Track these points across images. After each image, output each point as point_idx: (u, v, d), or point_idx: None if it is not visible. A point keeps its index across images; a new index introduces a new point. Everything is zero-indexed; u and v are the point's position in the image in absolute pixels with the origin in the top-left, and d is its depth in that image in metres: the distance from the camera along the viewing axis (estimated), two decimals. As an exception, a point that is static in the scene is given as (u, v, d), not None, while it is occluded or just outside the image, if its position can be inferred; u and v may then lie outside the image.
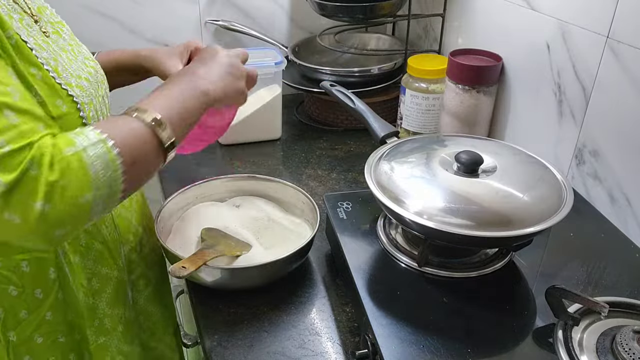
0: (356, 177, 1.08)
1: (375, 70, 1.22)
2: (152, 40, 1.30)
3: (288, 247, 0.77)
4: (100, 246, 0.74)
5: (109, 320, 0.77)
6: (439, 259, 0.73)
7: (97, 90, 0.71)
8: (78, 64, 0.69)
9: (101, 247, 0.74)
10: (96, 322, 0.75)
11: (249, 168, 1.11)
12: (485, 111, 1.05)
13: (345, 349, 0.70)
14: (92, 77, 0.70)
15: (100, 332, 0.76)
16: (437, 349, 0.60)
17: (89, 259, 0.73)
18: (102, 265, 0.75)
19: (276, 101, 1.18)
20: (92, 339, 0.75)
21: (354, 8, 1.17)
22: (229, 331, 0.73)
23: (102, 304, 0.76)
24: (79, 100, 0.64)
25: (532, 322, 0.65)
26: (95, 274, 0.74)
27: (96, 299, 0.75)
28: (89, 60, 0.73)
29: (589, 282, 0.71)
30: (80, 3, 1.21)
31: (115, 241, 0.77)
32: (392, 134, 0.86)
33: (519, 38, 1.00)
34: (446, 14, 1.22)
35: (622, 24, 0.78)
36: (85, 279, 0.73)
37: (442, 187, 0.71)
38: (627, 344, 0.56)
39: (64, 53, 0.67)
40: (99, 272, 0.75)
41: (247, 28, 1.32)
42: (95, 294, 0.75)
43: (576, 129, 0.90)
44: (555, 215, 0.67)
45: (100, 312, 0.76)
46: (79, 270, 0.72)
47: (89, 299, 0.74)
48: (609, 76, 0.82)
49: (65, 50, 0.68)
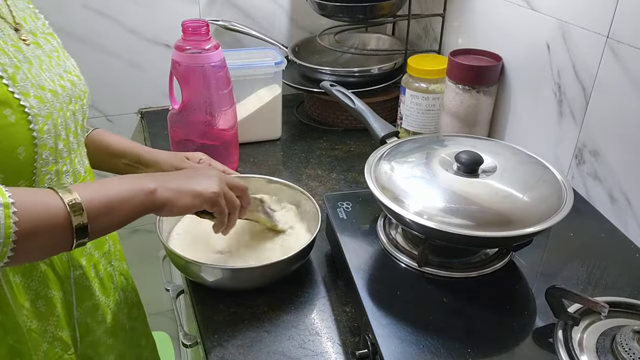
0: (356, 177, 1.08)
1: (375, 70, 1.22)
2: (152, 40, 1.30)
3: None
4: (46, 267, 0.71)
5: (60, 344, 0.74)
6: (439, 259, 0.73)
7: (66, 104, 0.69)
8: (50, 75, 0.68)
9: (46, 268, 0.71)
10: (45, 346, 0.72)
11: (249, 168, 1.11)
12: (485, 111, 1.05)
13: (345, 349, 0.70)
14: (64, 90, 0.69)
15: (50, 355, 0.73)
16: (437, 349, 0.60)
17: (33, 280, 0.70)
18: (48, 288, 0.72)
19: (276, 101, 1.18)
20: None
21: (354, 8, 1.17)
22: (229, 331, 0.73)
23: (50, 327, 0.73)
24: (32, 112, 0.62)
25: (532, 322, 0.65)
26: (40, 296, 0.71)
27: (43, 322, 0.72)
28: (69, 74, 0.72)
29: (589, 282, 0.71)
30: (81, 3, 1.21)
31: (64, 264, 0.74)
32: (392, 134, 0.86)
33: (519, 38, 1.00)
34: (446, 14, 1.23)
35: (622, 24, 0.78)
36: (28, 301, 0.70)
37: (442, 187, 0.70)
38: (627, 344, 0.56)
39: (36, 62, 0.66)
40: (44, 295, 0.72)
41: (247, 28, 1.32)
42: (42, 317, 0.72)
43: (576, 129, 0.90)
44: (555, 215, 0.67)
45: (49, 336, 0.73)
46: (20, 291, 0.69)
47: (32, 322, 0.71)
48: (609, 76, 0.82)
49: (41, 60, 0.68)
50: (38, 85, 0.65)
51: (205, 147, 1.00)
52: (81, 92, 0.74)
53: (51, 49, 0.72)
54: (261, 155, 1.16)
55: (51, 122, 0.66)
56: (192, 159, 0.92)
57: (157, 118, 1.32)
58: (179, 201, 0.67)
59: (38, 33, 0.71)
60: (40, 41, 0.70)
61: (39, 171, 0.66)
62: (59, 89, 0.68)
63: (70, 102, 0.70)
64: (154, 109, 1.37)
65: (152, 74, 1.33)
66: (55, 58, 0.71)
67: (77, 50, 1.25)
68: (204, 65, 0.95)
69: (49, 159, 0.67)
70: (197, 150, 0.96)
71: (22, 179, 0.64)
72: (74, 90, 0.71)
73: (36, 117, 0.63)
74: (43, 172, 0.67)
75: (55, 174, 0.69)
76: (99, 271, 0.81)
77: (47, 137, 0.65)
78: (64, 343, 0.75)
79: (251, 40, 1.34)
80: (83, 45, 1.25)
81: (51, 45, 0.73)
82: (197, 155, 0.93)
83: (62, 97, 0.68)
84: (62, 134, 0.69)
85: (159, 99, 1.36)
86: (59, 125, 0.68)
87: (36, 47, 0.68)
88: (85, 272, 0.78)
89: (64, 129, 0.69)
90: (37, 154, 0.64)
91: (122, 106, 1.36)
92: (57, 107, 0.67)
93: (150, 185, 0.64)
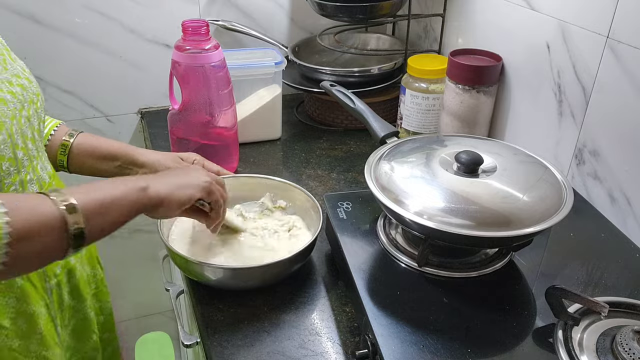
0: (356, 177, 1.08)
1: (375, 70, 1.22)
2: (152, 40, 1.30)
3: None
4: (22, 282, 0.69)
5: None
6: (439, 259, 0.73)
7: (19, 111, 0.66)
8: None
9: (23, 283, 0.69)
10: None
11: (249, 168, 1.11)
12: (485, 111, 1.05)
13: (345, 349, 0.70)
14: (14, 97, 0.66)
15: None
16: (437, 349, 0.60)
17: (11, 297, 0.68)
18: (27, 304, 0.70)
19: (276, 101, 1.18)
20: None
21: (354, 8, 1.17)
22: (229, 331, 0.73)
23: (33, 345, 0.71)
24: None
25: (532, 322, 0.65)
26: (20, 313, 0.69)
27: (26, 341, 0.70)
28: (18, 78, 0.68)
29: (589, 282, 0.71)
30: (81, 3, 1.21)
31: (40, 275, 0.72)
32: (392, 134, 0.86)
33: (519, 38, 1.00)
34: (446, 14, 1.23)
35: (622, 24, 0.78)
36: (8, 319, 0.68)
37: (442, 187, 0.70)
38: (627, 344, 0.56)
39: None
40: (24, 311, 0.70)
41: (247, 28, 1.32)
42: (24, 336, 0.70)
43: (576, 129, 0.90)
44: (555, 215, 0.67)
45: (33, 355, 0.71)
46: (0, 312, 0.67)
47: (14, 342, 0.69)
48: (609, 76, 0.82)
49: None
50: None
51: (205, 147, 1.00)
52: (34, 96, 0.71)
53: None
54: (261, 155, 1.16)
55: (5, 132, 0.63)
56: (186, 160, 0.91)
57: (157, 118, 1.32)
58: (175, 195, 0.66)
59: None
60: None
61: (2, 183, 0.65)
62: (8, 96, 0.65)
63: (23, 107, 0.67)
64: (154, 109, 1.37)
65: (152, 74, 1.33)
66: (1, 62, 0.68)
67: (77, 50, 1.27)
68: (204, 65, 0.96)
69: (10, 169, 0.65)
70: (197, 151, 0.97)
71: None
72: (25, 94, 0.68)
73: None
74: (7, 184, 0.65)
75: (19, 184, 0.67)
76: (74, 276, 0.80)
77: (4, 148, 0.63)
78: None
79: (251, 40, 1.34)
80: (83, 46, 1.25)
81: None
82: (191, 156, 0.92)
83: (12, 104, 0.65)
84: (19, 142, 0.66)
85: (159, 99, 1.36)
86: (15, 134, 0.65)
87: None
88: (59, 280, 0.76)
89: (20, 137, 0.67)
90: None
91: (122, 106, 1.36)
92: (10, 115, 0.64)
93: (142, 183, 0.63)
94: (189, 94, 0.98)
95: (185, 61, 0.95)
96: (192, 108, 0.99)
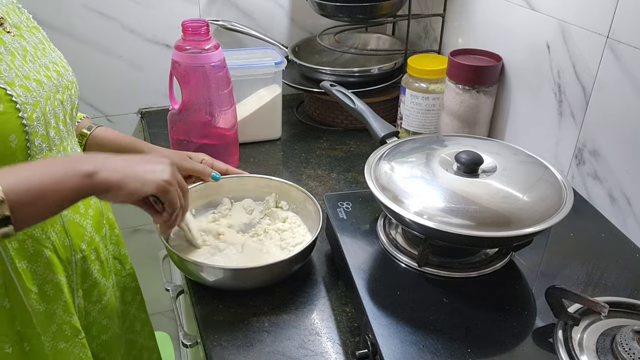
0: (356, 177, 1.08)
1: (375, 70, 1.22)
2: (152, 40, 1.30)
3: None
4: (50, 253, 0.72)
5: (69, 328, 0.75)
6: (439, 259, 0.73)
7: (53, 94, 0.71)
8: (34, 67, 0.70)
9: (51, 254, 0.72)
10: (54, 327, 0.74)
11: (249, 168, 1.11)
12: (485, 111, 1.05)
13: (345, 349, 0.70)
14: (50, 80, 0.71)
15: (59, 337, 0.75)
16: (437, 349, 0.60)
17: (39, 265, 0.72)
18: (54, 273, 0.73)
19: (276, 101, 1.18)
20: (50, 345, 0.74)
21: (354, 8, 1.17)
22: (229, 331, 0.73)
23: (59, 310, 0.74)
24: (19, 100, 0.64)
25: (532, 322, 0.65)
26: (47, 281, 0.73)
27: (52, 305, 0.73)
28: (55, 65, 0.74)
29: (589, 282, 0.71)
30: (81, 3, 1.21)
31: (67, 248, 0.75)
32: (392, 134, 0.86)
33: (519, 38, 1.00)
34: (446, 14, 1.23)
35: (622, 24, 0.78)
36: (36, 286, 0.71)
37: (442, 187, 0.70)
38: (627, 344, 0.56)
39: (19, 54, 0.69)
40: (51, 280, 0.73)
41: (247, 28, 1.32)
42: (51, 301, 0.73)
43: (576, 129, 0.90)
44: (555, 216, 0.67)
45: (58, 319, 0.74)
46: (27, 277, 0.70)
47: (41, 305, 0.72)
48: (609, 76, 0.82)
49: (25, 51, 0.70)
50: (22, 75, 0.67)
51: (205, 147, 1.00)
52: (68, 83, 0.76)
53: (36, 42, 0.74)
54: (261, 155, 1.16)
55: (39, 110, 0.68)
56: (194, 159, 0.92)
57: (157, 118, 1.32)
58: (126, 185, 0.61)
59: (22, 27, 0.73)
60: (24, 34, 0.73)
61: (34, 159, 0.68)
62: (44, 79, 0.70)
63: (58, 91, 0.73)
64: (154, 109, 1.37)
65: (152, 74, 1.33)
66: (41, 50, 0.74)
67: (77, 50, 1.26)
68: (204, 65, 0.96)
69: (42, 146, 0.69)
70: (197, 150, 0.97)
71: None
72: (60, 80, 0.74)
73: (24, 105, 0.65)
74: (38, 160, 0.69)
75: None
76: (99, 254, 0.83)
77: (37, 125, 0.68)
78: (73, 327, 0.77)
79: (251, 40, 1.34)
80: (83, 45, 1.25)
81: (36, 37, 0.75)
82: (199, 156, 0.93)
83: (48, 86, 0.71)
84: (52, 122, 0.71)
85: (159, 99, 1.36)
86: (48, 113, 0.70)
87: (20, 40, 0.71)
88: (85, 255, 0.79)
89: (53, 117, 0.71)
90: (29, 141, 0.67)
91: (122, 106, 1.36)
92: (44, 95, 0.69)
93: (87, 167, 0.59)
94: (189, 94, 0.98)
95: (185, 61, 0.95)
96: (192, 108, 0.99)
